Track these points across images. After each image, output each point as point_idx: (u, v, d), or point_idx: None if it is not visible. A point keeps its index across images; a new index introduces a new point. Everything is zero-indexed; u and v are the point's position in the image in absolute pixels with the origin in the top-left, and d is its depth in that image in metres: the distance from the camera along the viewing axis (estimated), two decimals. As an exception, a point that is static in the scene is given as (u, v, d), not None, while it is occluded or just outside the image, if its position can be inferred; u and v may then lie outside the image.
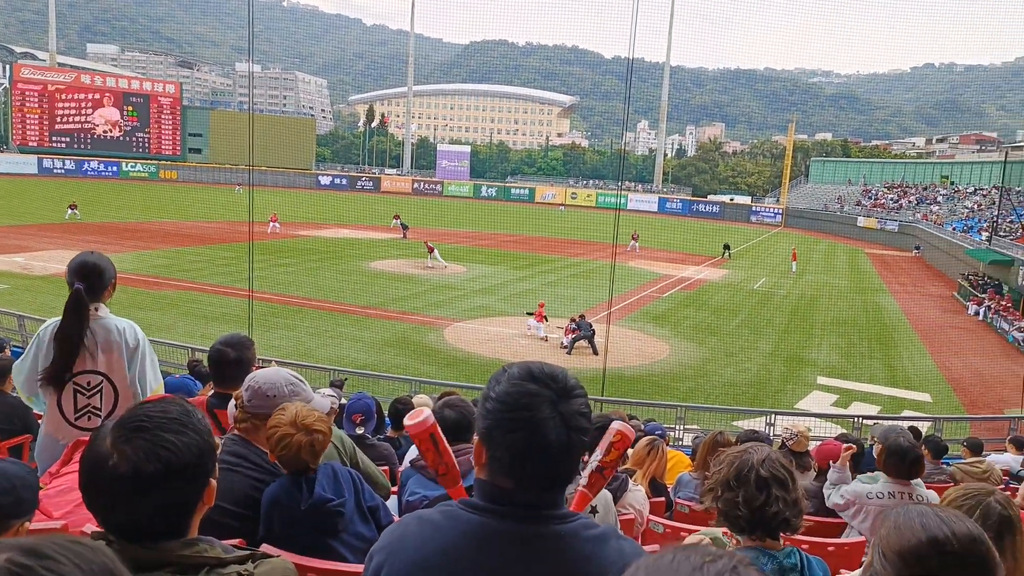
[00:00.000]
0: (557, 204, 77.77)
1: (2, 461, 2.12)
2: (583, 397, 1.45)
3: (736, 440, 4.94)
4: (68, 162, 71.33)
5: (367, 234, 40.54)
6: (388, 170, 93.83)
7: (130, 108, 78.69)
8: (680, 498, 4.75)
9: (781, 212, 73.62)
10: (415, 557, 1.40)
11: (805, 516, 2.21)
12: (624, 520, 3.41)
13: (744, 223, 70.72)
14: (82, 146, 75.42)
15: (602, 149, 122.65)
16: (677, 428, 11.58)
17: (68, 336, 3.09)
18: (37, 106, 73.42)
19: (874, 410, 14.85)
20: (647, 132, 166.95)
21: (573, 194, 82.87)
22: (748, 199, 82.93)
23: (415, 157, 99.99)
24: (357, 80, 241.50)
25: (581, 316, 18.45)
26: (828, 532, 4.22)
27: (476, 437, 1.45)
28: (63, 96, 74.69)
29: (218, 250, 30.55)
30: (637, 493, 3.70)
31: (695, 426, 12.06)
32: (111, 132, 77.76)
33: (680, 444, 10.31)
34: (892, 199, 66.47)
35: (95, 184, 63.14)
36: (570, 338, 18.07)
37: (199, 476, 1.41)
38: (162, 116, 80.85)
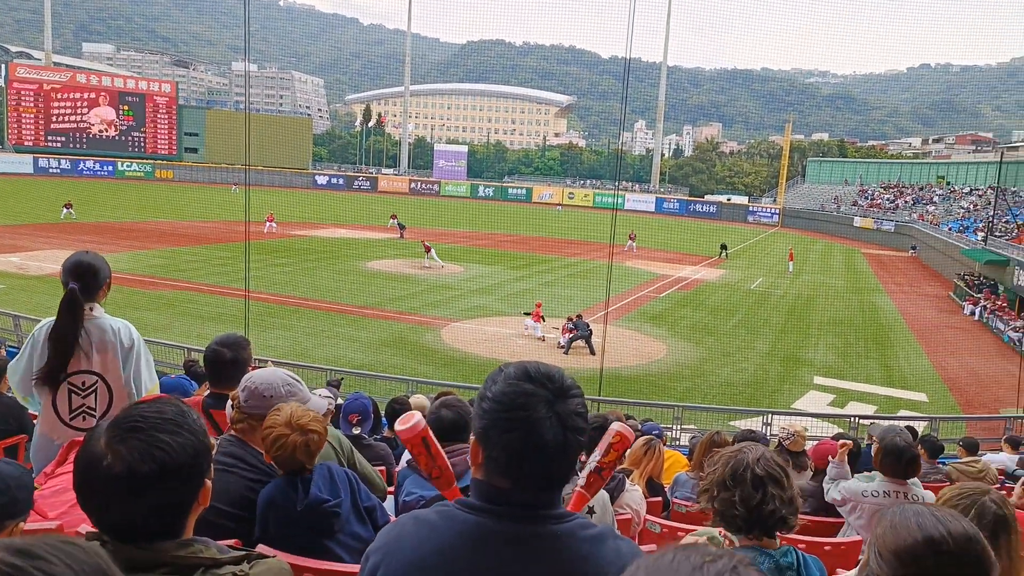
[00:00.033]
0: (554, 204, 77.77)
1: (-3, 462, 2.11)
2: (580, 397, 1.44)
3: (733, 440, 4.95)
4: (64, 161, 71.16)
5: (364, 234, 40.50)
6: (385, 170, 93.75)
7: (126, 107, 78.48)
8: (677, 498, 4.76)
9: (778, 212, 73.75)
10: (411, 557, 1.39)
11: (802, 516, 2.22)
12: (621, 520, 3.41)
13: (741, 223, 70.84)
14: (78, 145, 75.22)
15: (599, 149, 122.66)
16: (674, 428, 11.60)
17: (63, 336, 3.08)
18: (33, 105, 73.21)
19: (870, 410, 14.89)
20: (644, 132, 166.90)
21: (570, 194, 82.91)
22: (745, 199, 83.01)
23: (412, 157, 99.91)
24: (354, 79, 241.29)
25: (578, 316, 18.45)
26: (825, 531, 4.23)
27: (473, 437, 1.45)
28: (59, 95, 74.48)
29: (214, 250, 30.50)
30: (634, 493, 3.70)
31: (692, 426, 12.09)
32: (107, 131, 77.55)
33: (677, 444, 10.32)
34: (888, 199, 66.61)
35: (91, 184, 62.96)
36: (567, 337, 18.07)
37: (194, 477, 1.41)
38: (158, 115, 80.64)
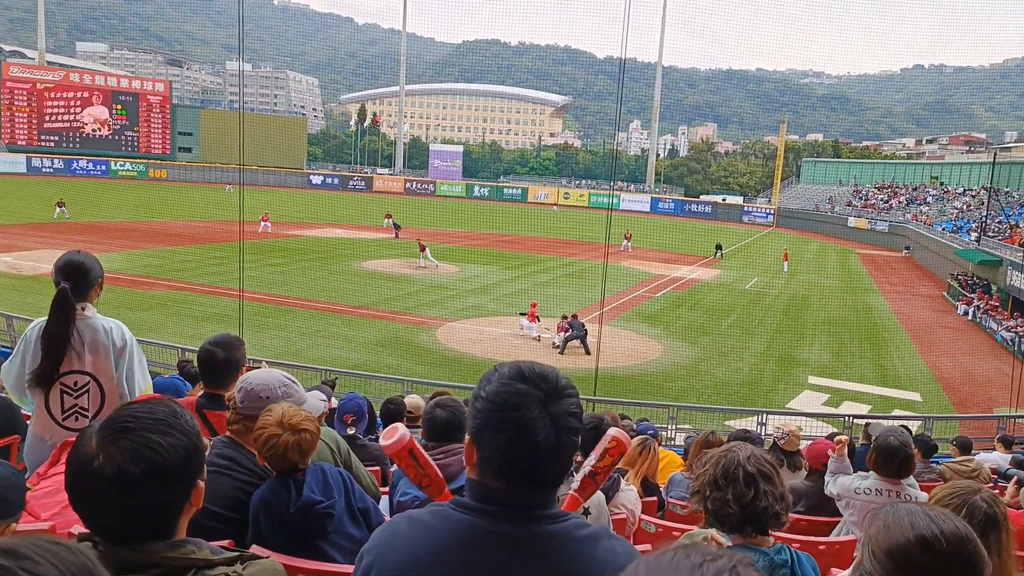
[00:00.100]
0: (550, 204, 77.81)
1: (-12, 463, 2.10)
2: (574, 397, 1.43)
3: (728, 440, 4.96)
4: (57, 161, 70.81)
5: (359, 234, 40.43)
6: (380, 169, 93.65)
7: (119, 107, 78.20)
8: (672, 497, 4.76)
9: (773, 212, 73.95)
10: (405, 557, 1.39)
11: (796, 515, 2.23)
12: (616, 520, 3.42)
13: (736, 223, 71.02)
14: (71, 145, 74.91)
15: (595, 149, 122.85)
16: (669, 428, 11.60)
17: (54, 336, 3.06)
18: (26, 105, 72.90)
19: (864, 409, 14.93)
20: (639, 132, 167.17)
21: (566, 194, 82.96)
22: (740, 199, 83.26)
23: (407, 157, 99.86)
24: (349, 79, 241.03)
25: (574, 316, 18.46)
26: (819, 531, 4.24)
27: (467, 437, 1.45)
28: (52, 95, 74.17)
29: (208, 250, 30.40)
30: (629, 493, 3.70)
31: (687, 426, 12.11)
32: (100, 131, 77.25)
33: (672, 444, 10.32)
34: (882, 199, 66.87)
35: (84, 183, 62.70)
36: (562, 336, 18.09)
37: (186, 477, 1.40)
38: (151, 115, 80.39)
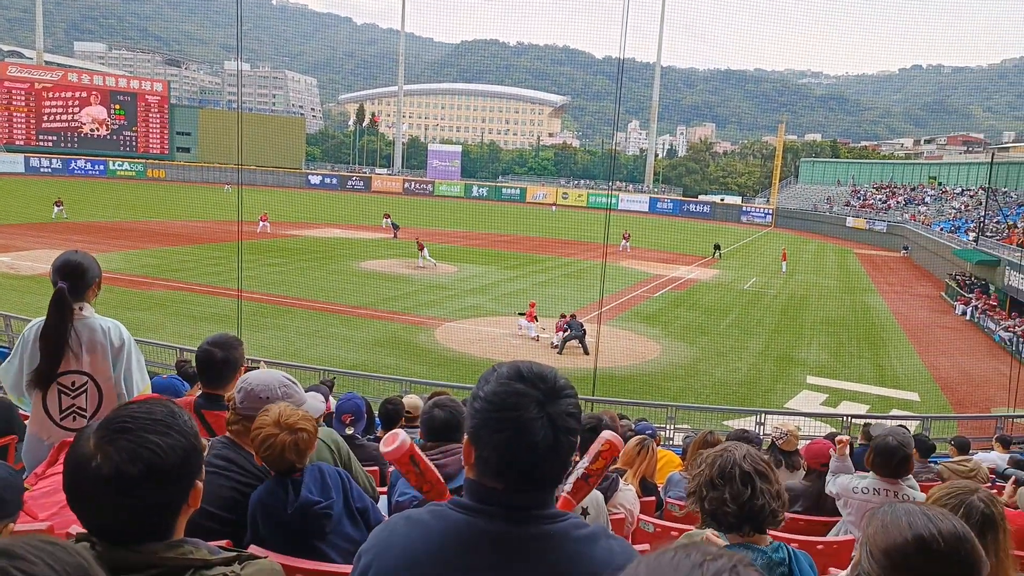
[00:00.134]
0: (548, 204, 77.81)
1: (-15, 463, 2.09)
2: (572, 398, 1.43)
3: (726, 440, 4.96)
4: (55, 161, 70.69)
5: (358, 234, 40.41)
6: (379, 169, 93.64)
7: (117, 107, 78.10)
8: (670, 497, 4.76)
9: (771, 212, 74.00)
10: (403, 557, 1.39)
11: (794, 515, 2.23)
12: (614, 519, 3.42)
13: (734, 223, 71.06)
14: (69, 145, 74.80)
15: (593, 149, 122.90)
16: (668, 428, 11.60)
17: (52, 336, 3.06)
18: (24, 105, 72.76)
19: (863, 409, 14.95)
20: (638, 132, 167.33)
21: (564, 194, 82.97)
22: (738, 199, 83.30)
23: (406, 157, 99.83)
24: (347, 79, 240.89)
25: (572, 316, 18.46)
26: (817, 530, 4.24)
27: (466, 437, 1.45)
28: (50, 95, 74.05)
29: (207, 250, 30.37)
30: (627, 492, 3.70)
31: (686, 425, 12.10)
32: (98, 131, 77.15)
33: (671, 444, 10.32)
34: (880, 199, 66.92)
35: (82, 183, 62.61)
36: (560, 336, 18.09)
37: (183, 478, 1.40)
38: (150, 115, 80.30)
